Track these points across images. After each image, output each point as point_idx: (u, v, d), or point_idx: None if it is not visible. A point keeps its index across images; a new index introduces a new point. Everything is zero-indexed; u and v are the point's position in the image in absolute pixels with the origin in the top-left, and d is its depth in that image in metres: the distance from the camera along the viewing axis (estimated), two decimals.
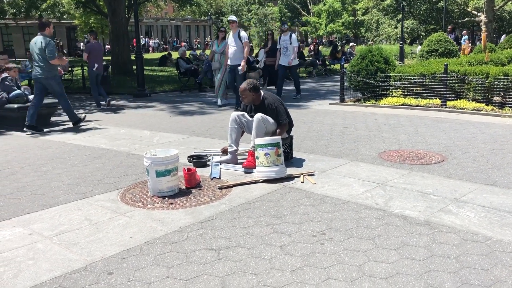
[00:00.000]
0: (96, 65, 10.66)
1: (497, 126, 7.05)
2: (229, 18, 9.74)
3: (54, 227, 3.53)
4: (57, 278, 2.74)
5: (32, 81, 15.38)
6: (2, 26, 38.39)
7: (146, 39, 49.99)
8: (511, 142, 5.99)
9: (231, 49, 9.60)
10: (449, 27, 19.90)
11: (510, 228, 3.28)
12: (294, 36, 11.00)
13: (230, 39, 9.63)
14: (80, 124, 8.21)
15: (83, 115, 8.47)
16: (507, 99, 8.28)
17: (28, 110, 7.76)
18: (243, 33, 9.58)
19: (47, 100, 8.82)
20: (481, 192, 4.07)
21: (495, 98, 8.55)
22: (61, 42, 36.67)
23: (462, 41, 19.87)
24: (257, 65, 13.95)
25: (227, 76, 10.03)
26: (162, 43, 51.08)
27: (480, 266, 2.75)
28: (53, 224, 3.58)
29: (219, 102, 10.27)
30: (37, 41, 7.69)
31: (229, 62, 9.70)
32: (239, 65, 9.46)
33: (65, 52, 35.72)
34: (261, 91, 5.26)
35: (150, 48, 48.20)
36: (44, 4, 28.73)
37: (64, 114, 8.40)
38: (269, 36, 12.92)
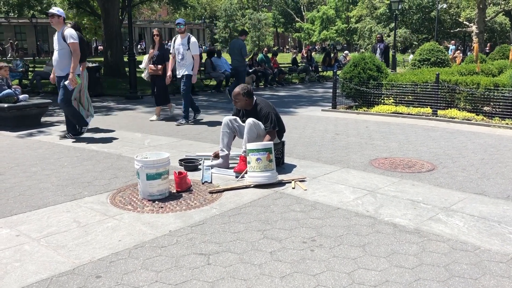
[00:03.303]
0: None
1: (487, 136, 7.11)
2: (50, 10, 6.77)
3: (42, 228, 3.49)
4: (44, 280, 2.71)
5: (21, 80, 15.32)
6: None
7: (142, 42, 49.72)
8: (501, 152, 6.04)
9: (54, 54, 6.81)
10: (378, 36, 19.01)
11: (498, 238, 3.30)
12: (194, 40, 8.11)
13: (54, 40, 6.78)
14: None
15: None
16: (497, 109, 8.36)
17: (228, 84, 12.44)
18: (68, 31, 6.54)
19: (37, 100, 8.82)
20: (471, 201, 4.09)
21: (486, 108, 8.63)
22: (16, 42, 38.89)
23: (449, 50, 20.03)
24: (143, 76, 9.18)
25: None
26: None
27: (468, 275, 2.77)
28: (41, 226, 3.54)
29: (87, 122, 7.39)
30: (237, 43, 11.27)
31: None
32: (66, 76, 6.62)
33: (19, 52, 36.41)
34: (254, 96, 5.27)
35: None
36: (38, 7, 28.64)
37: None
38: (155, 38, 8.72)
